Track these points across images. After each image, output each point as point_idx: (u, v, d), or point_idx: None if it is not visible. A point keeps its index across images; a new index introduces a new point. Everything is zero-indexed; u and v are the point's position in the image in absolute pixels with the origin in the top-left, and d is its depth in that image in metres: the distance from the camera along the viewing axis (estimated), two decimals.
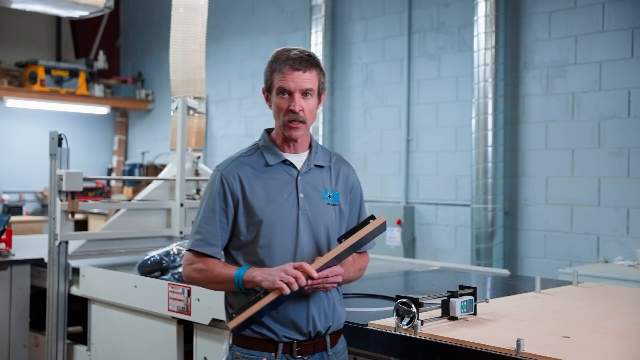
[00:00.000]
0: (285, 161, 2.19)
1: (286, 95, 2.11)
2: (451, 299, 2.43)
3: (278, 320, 2.10)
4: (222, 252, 2.19)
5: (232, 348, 2.18)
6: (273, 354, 2.10)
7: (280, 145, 2.20)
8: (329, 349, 2.18)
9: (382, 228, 2.10)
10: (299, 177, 2.18)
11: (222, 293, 2.24)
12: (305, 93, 2.12)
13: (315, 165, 2.22)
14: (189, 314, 3.22)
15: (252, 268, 2.07)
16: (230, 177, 2.14)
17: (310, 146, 2.25)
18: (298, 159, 2.20)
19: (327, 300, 2.16)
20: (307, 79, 2.11)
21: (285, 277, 1.96)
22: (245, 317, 1.98)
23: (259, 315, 2.03)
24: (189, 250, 2.16)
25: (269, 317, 2.09)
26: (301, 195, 2.15)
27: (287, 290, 1.94)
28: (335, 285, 2.10)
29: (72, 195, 3.94)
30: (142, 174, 8.62)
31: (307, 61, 2.11)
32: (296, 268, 1.98)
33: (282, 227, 2.11)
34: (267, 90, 2.19)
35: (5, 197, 9.14)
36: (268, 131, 2.26)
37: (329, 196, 2.21)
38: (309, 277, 1.99)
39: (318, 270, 2.00)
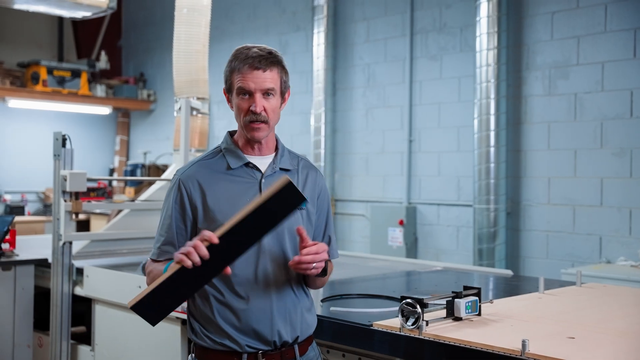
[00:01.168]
0: (248, 164, 2.08)
1: (246, 96, 2.01)
2: (456, 300, 2.44)
3: (240, 330, 2.01)
4: None
5: None
6: None
7: (243, 148, 2.10)
8: (298, 357, 2.08)
9: (291, 192, 1.82)
10: (263, 180, 2.07)
11: None
12: (266, 93, 2.01)
13: (281, 169, 2.11)
14: None
15: None
16: (189, 182, 2.05)
17: (276, 149, 2.14)
18: (262, 161, 2.09)
19: (293, 309, 2.07)
20: (267, 78, 2.00)
21: (185, 249, 1.79)
22: (145, 294, 1.78)
23: (164, 295, 1.80)
24: (150, 258, 2.10)
25: (231, 327, 2.00)
26: None
27: (187, 262, 1.76)
28: (322, 263, 1.96)
29: (76, 195, 3.95)
30: (144, 174, 8.64)
31: (267, 59, 2.00)
32: (199, 239, 1.82)
33: None
34: (228, 91, 2.08)
35: (7, 197, 9.15)
36: (231, 134, 2.16)
37: None
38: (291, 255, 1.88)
39: (222, 237, 1.79)
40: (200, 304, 2.05)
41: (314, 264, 1.93)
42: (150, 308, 1.82)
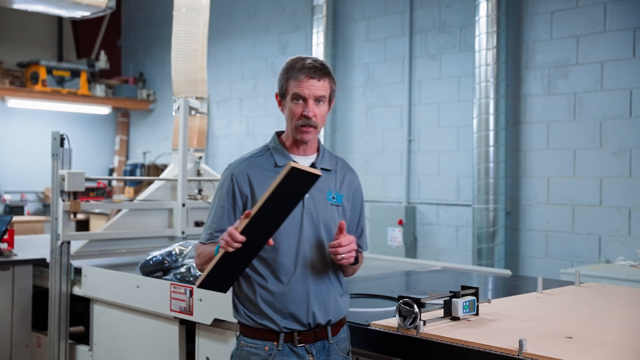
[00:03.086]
0: None
1: (300, 101, 2.25)
2: (453, 299, 2.44)
3: (278, 312, 2.22)
4: None
5: (238, 338, 2.31)
6: (275, 343, 2.23)
7: (289, 148, 2.33)
8: (330, 337, 2.29)
9: (299, 175, 1.98)
10: None
11: (225, 294, 2.31)
12: (318, 100, 2.26)
13: (322, 169, 2.32)
14: (191, 314, 3.23)
15: None
16: (240, 176, 2.28)
17: (318, 150, 2.38)
18: (306, 161, 2.33)
19: (327, 295, 2.28)
20: (320, 86, 2.26)
21: (223, 237, 2.03)
22: (204, 276, 2.09)
23: (220, 273, 2.10)
24: (200, 242, 2.32)
25: (271, 309, 2.21)
26: (306, 195, 2.22)
27: (229, 248, 2.00)
28: (353, 254, 2.18)
29: (74, 195, 3.94)
30: (143, 174, 8.63)
31: (321, 70, 2.28)
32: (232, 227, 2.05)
33: (287, 224, 2.18)
34: (281, 96, 2.32)
35: (7, 197, 9.15)
36: (278, 134, 2.39)
37: (333, 197, 2.33)
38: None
39: (244, 230, 2.00)
40: (245, 289, 2.27)
41: (343, 255, 2.15)
42: (215, 283, 2.14)
